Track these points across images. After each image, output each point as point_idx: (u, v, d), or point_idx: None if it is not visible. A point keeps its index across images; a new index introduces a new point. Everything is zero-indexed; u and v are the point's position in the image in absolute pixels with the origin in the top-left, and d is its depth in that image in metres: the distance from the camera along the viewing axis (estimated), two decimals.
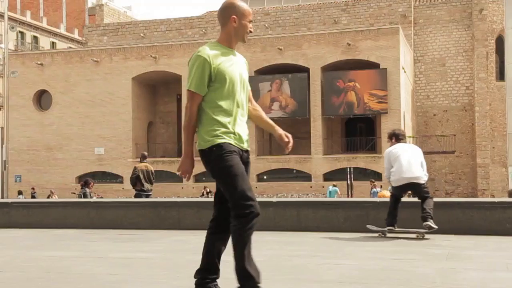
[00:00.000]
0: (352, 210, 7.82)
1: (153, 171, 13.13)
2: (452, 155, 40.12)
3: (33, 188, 36.54)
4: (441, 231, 7.01)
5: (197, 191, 34.94)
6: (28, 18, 59.91)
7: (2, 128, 37.16)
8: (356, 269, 4.92)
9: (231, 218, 3.63)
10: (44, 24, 62.08)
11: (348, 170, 31.03)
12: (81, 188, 15.43)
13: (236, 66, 3.64)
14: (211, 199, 16.68)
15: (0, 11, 37.74)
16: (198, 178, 37.16)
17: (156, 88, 41.50)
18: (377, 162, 34.07)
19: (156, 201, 10.46)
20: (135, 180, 12.75)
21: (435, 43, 41.80)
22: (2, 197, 33.05)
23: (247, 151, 3.70)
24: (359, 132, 38.67)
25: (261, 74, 36.92)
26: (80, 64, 39.13)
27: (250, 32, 3.71)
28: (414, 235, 7.12)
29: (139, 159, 13.92)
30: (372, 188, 25.63)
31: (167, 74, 38.42)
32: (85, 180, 15.64)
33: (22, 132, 39.46)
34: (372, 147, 36.27)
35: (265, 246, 6.61)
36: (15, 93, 38.54)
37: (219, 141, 3.53)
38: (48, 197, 26.62)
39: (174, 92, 40.22)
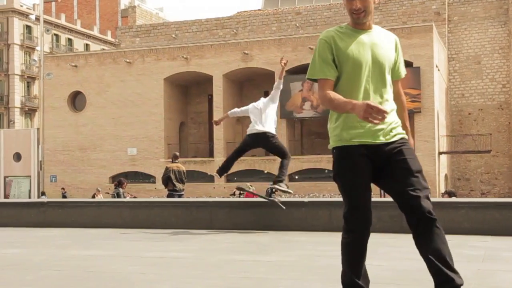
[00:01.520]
0: (385, 210, 7.73)
1: (184, 171, 13.20)
2: (488, 155, 39.35)
3: (63, 188, 37.15)
4: (477, 232, 6.88)
5: (228, 191, 35.04)
6: (62, 21, 60.98)
7: (38, 129, 37.91)
8: (389, 269, 4.86)
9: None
10: (78, 27, 63.11)
11: None
12: (115, 188, 15.65)
13: (366, 47, 3.10)
14: (243, 199, 16.66)
15: (36, 15, 38.45)
16: (230, 178, 37.29)
17: (188, 89, 41.76)
18: None
19: (188, 201, 10.52)
20: (167, 180, 12.84)
21: (470, 40, 41.07)
22: (39, 197, 33.71)
23: (390, 143, 3.08)
24: None
25: (292, 74, 36.83)
26: (113, 65, 39.64)
27: (354, 11, 3.09)
28: None
29: (171, 159, 14.03)
30: None
31: (199, 75, 38.63)
32: (118, 180, 15.85)
33: (57, 133, 40.16)
34: None
35: (297, 246, 6.58)
36: (50, 95, 39.25)
37: (338, 143, 3.11)
38: (93, 196, 27.03)
39: (206, 92, 40.42)
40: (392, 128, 3.11)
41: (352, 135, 3.07)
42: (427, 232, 2.99)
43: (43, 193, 33.50)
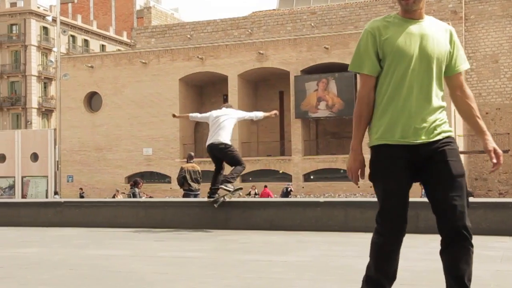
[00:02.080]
0: None
1: (200, 171, 13.23)
2: (506, 154, 38.94)
3: (81, 189, 37.43)
4: (495, 232, 6.81)
5: (244, 191, 35.04)
6: (79, 22, 61.45)
7: (55, 129, 38.21)
8: (406, 270, 4.82)
9: None
10: (94, 28, 63.56)
11: None
12: (131, 188, 15.73)
13: (414, 39, 2.85)
14: (258, 199, 16.64)
15: (52, 16, 38.78)
16: (245, 178, 37.29)
17: (203, 89, 41.86)
18: None
19: (203, 200, 10.53)
20: (182, 181, 12.88)
21: (487, 39, 40.68)
22: (52, 196, 33.97)
23: (432, 142, 2.87)
24: None
25: (308, 74, 36.77)
26: (129, 66, 39.86)
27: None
28: None
29: (186, 160, 14.07)
30: (423, 189, 25.19)
31: (214, 75, 38.71)
32: (134, 180, 15.92)
33: (73, 133, 40.47)
34: None
35: (312, 246, 6.56)
36: (67, 95, 39.57)
37: (376, 142, 2.93)
38: (113, 197, 27.25)
39: (221, 92, 40.48)
40: (436, 126, 2.88)
41: (393, 134, 2.88)
42: (455, 248, 2.81)
43: (56, 193, 33.76)
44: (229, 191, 8.38)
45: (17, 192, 43.61)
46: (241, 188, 8.86)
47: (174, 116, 10.36)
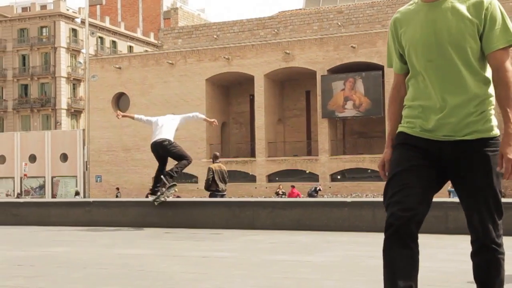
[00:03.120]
0: (430, 211, 7.59)
1: (226, 171, 13.26)
2: None
3: (117, 189, 37.84)
4: None
5: (270, 191, 35.08)
6: (107, 24, 62.17)
7: (84, 130, 38.68)
8: (435, 271, 4.77)
9: None
10: (122, 29, 64.23)
11: None
12: None
13: (427, 24, 2.51)
14: (285, 199, 16.55)
15: (81, 18, 39.30)
16: (272, 178, 37.31)
17: (229, 89, 41.99)
18: None
19: (230, 200, 10.57)
20: (211, 181, 12.89)
21: None
22: (84, 196, 34.43)
23: (460, 142, 2.50)
24: None
25: (334, 73, 36.60)
26: (156, 66, 40.19)
27: None
28: None
29: (211, 160, 14.10)
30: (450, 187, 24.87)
31: (240, 75, 38.80)
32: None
33: (101, 134, 40.97)
34: None
35: (340, 246, 6.52)
36: (95, 96, 40.06)
37: (399, 129, 2.66)
38: (146, 196, 27.54)
39: (247, 92, 40.55)
40: (467, 122, 2.47)
41: (415, 123, 2.58)
42: (483, 256, 2.59)
43: (77, 193, 34.15)
44: (165, 184, 8.72)
45: (47, 192, 44.32)
46: (175, 184, 9.05)
47: (118, 115, 10.11)
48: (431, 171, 2.55)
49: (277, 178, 36.56)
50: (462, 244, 6.58)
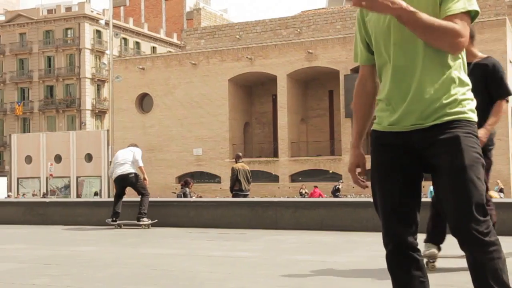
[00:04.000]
0: None
1: (249, 171, 13.29)
2: None
3: None
4: None
5: (293, 191, 35.02)
6: (130, 25, 62.69)
7: (108, 130, 39.05)
8: (459, 272, 4.70)
9: None
10: (145, 30, 64.71)
11: None
12: (181, 188, 15.94)
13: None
14: (308, 199, 16.51)
15: (105, 19, 39.68)
16: (294, 178, 37.24)
17: (252, 89, 42.02)
18: None
19: (253, 200, 10.57)
20: (235, 181, 12.92)
21: None
22: (109, 197, 34.75)
23: (430, 128, 2.23)
24: None
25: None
26: (179, 67, 40.39)
27: None
28: None
29: (234, 160, 14.14)
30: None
31: (263, 75, 38.79)
32: (185, 180, 16.13)
33: (125, 134, 41.30)
34: None
35: (363, 246, 6.48)
36: (119, 97, 40.40)
37: (372, 127, 2.45)
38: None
39: (270, 92, 40.52)
40: (437, 107, 2.23)
41: (383, 118, 2.36)
42: (472, 254, 2.21)
43: (96, 193, 34.43)
44: (147, 225, 9.13)
45: (72, 191, 44.85)
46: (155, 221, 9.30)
47: None
48: (408, 172, 2.32)
49: (300, 178, 36.47)
50: None
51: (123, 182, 9.61)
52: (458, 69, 2.28)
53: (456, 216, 2.21)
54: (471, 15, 2.21)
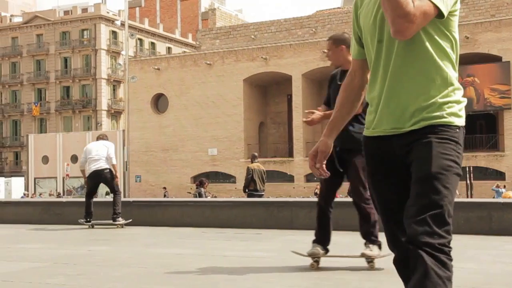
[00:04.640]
0: (472, 211, 7.43)
1: (264, 171, 13.29)
2: None
3: (164, 188, 38.21)
4: None
5: (308, 191, 34.95)
6: (146, 26, 63.02)
7: (124, 130, 39.26)
8: (479, 273, 4.66)
9: None
10: (160, 31, 65.00)
11: (467, 169, 29.67)
12: (196, 188, 15.97)
13: (374, 3, 2.18)
14: None
15: (121, 20, 39.90)
16: (310, 178, 37.15)
17: (267, 89, 42.01)
18: (500, 160, 32.33)
19: (268, 200, 10.55)
20: (250, 181, 12.92)
21: None
22: (124, 197, 34.95)
23: (409, 134, 2.12)
24: (479, 129, 36.86)
25: None
26: (194, 67, 40.50)
27: None
28: None
29: (250, 160, 14.15)
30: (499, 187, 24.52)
31: (278, 75, 38.77)
32: (200, 180, 16.17)
33: (140, 134, 41.51)
34: (494, 145, 34.44)
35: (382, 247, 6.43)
36: (135, 97, 40.62)
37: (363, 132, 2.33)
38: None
39: (285, 92, 40.50)
40: (413, 111, 2.10)
41: (368, 122, 2.26)
42: (412, 269, 2.04)
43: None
44: (121, 224, 9.23)
45: None
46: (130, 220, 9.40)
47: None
48: (397, 179, 2.20)
49: (315, 178, 36.33)
50: (506, 245, 6.42)
51: (97, 178, 9.60)
52: (442, 69, 2.11)
53: (408, 224, 2.04)
54: (438, 13, 2.03)
